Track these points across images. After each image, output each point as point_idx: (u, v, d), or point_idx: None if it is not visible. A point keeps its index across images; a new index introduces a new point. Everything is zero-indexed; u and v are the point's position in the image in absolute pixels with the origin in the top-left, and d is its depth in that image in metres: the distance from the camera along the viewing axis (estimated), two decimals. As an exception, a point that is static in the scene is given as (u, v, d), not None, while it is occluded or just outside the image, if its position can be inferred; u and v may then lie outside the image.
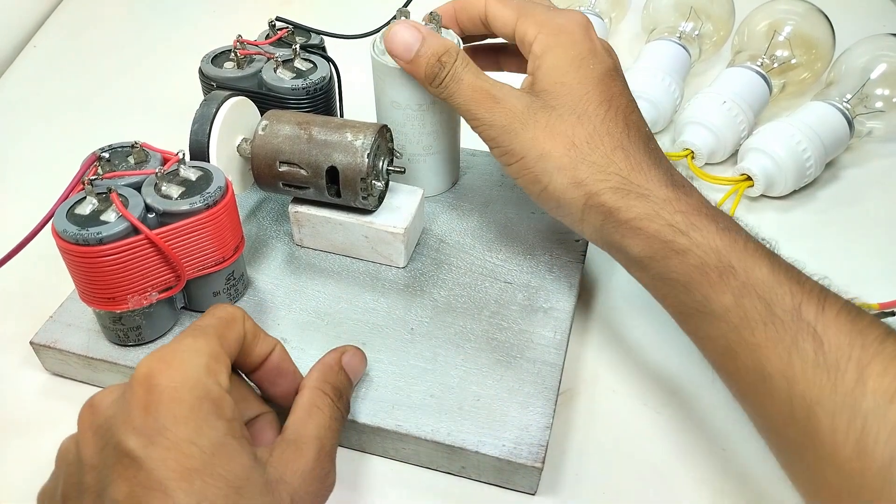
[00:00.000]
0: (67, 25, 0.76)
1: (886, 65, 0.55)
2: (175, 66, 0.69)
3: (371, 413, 0.36)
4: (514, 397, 0.37)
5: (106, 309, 0.37)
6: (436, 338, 0.40)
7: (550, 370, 0.38)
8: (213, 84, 0.46)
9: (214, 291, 0.40)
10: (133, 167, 0.39)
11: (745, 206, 0.53)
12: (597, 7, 0.66)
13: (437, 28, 0.42)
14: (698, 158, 0.55)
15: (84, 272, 0.36)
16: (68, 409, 0.32)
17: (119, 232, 0.35)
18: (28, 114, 0.63)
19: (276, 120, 0.42)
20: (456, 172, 0.50)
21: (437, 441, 0.35)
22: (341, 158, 0.40)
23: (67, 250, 0.35)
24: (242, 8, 0.79)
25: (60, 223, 0.35)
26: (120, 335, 0.39)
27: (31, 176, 0.56)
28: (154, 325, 0.39)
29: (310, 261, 0.45)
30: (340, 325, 0.41)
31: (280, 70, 0.45)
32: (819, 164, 0.52)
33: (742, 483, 0.37)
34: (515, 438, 0.35)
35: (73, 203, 0.36)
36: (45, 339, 0.40)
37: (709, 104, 0.54)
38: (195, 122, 0.40)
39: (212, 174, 0.38)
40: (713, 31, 0.63)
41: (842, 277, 0.48)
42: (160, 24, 0.76)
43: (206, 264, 0.39)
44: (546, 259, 0.44)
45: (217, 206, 0.37)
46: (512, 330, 0.40)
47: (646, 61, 0.58)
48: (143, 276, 0.37)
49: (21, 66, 0.70)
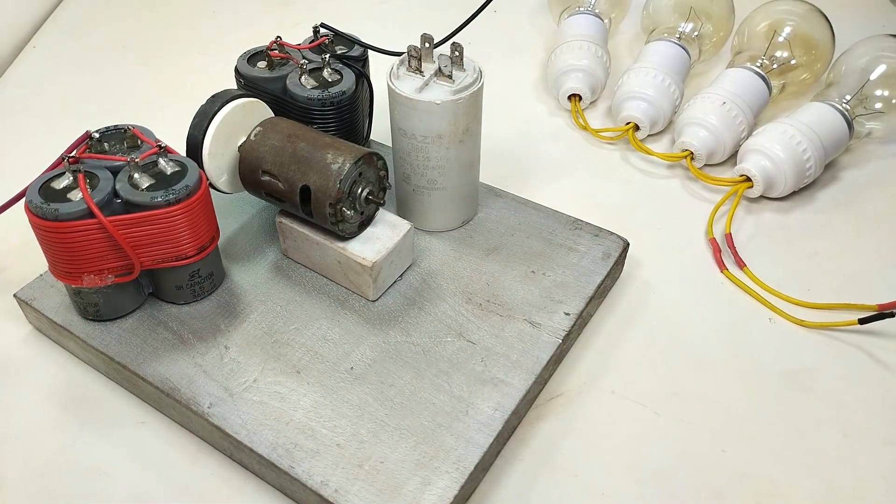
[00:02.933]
0: (67, 26, 0.76)
1: (886, 66, 0.55)
2: (175, 66, 0.69)
3: (271, 447, 0.35)
4: (419, 470, 0.34)
5: (63, 281, 0.39)
6: (370, 384, 0.38)
7: (471, 451, 0.35)
8: (242, 81, 0.46)
9: (177, 285, 0.41)
10: (125, 152, 0.39)
11: (745, 207, 0.53)
12: (597, 7, 0.66)
13: (430, 48, 0.40)
14: (697, 159, 0.55)
15: (43, 243, 0.37)
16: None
17: (76, 212, 0.36)
18: (28, 114, 0.63)
19: (271, 128, 0.41)
20: (468, 211, 0.47)
21: (321, 495, 0.33)
22: (315, 179, 0.39)
23: (31, 220, 0.37)
24: (243, 8, 0.79)
25: (31, 192, 0.37)
26: (80, 308, 0.41)
27: (31, 176, 0.56)
28: (112, 305, 0.40)
29: (289, 273, 0.44)
30: (285, 347, 0.40)
31: (305, 78, 0.45)
32: (819, 165, 0.52)
33: (742, 483, 0.37)
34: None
35: (52, 176, 0.37)
36: (26, 295, 0.42)
37: (708, 105, 0.54)
38: (196, 116, 0.40)
39: (187, 171, 0.38)
40: (713, 31, 0.63)
41: (842, 277, 0.48)
42: (160, 25, 0.77)
43: (165, 258, 0.39)
44: (523, 327, 0.41)
45: (178, 205, 0.37)
46: (451, 395, 0.37)
47: (645, 62, 0.58)
48: (98, 258, 0.37)
49: (21, 67, 0.70)
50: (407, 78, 0.42)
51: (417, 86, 0.42)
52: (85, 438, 0.39)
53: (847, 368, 0.42)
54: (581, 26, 0.63)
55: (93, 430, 0.39)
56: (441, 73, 0.42)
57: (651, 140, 0.59)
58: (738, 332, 0.44)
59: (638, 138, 0.57)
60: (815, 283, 0.47)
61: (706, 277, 0.47)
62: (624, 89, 0.58)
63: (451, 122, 0.42)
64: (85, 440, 0.39)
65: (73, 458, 0.38)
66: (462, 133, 0.42)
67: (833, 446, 0.30)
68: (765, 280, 0.46)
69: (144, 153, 0.38)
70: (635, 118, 0.57)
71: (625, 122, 0.58)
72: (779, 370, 0.41)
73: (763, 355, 0.41)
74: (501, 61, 0.69)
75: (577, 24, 0.63)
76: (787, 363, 0.42)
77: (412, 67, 0.42)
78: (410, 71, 0.42)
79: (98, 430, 0.39)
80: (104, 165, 0.38)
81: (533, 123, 0.61)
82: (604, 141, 0.59)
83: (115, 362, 0.39)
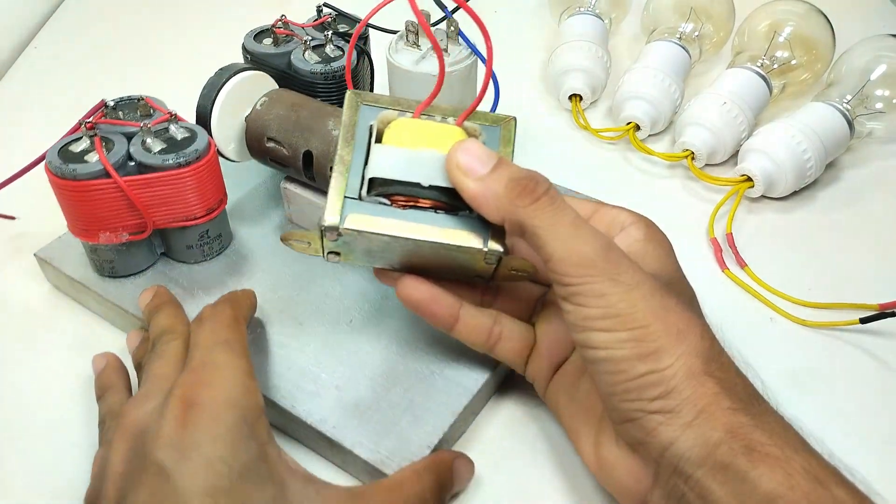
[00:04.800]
0: (68, 26, 0.77)
1: (886, 65, 0.55)
2: (176, 66, 0.69)
3: (273, 388, 0.37)
4: (411, 410, 0.36)
5: (81, 238, 0.41)
6: (367, 335, 0.40)
7: (460, 393, 0.37)
8: (248, 57, 0.48)
9: (188, 245, 0.43)
10: (138, 119, 0.42)
11: (746, 206, 0.53)
12: (597, 7, 0.66)
13: (416, 35, 0.42)
14: (698, 159, 0.55)
15: (63, 202, 0.40)
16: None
17: (93, 172, 0.38)
18: (29, 115, 0.63)
19: (276, 98, 0.43)
20: None
21: (320, 431, 0.35)
22: (317, 145, 0.41)
23: (51, 180, 0.39)
24: (243, 7, 0.79)
25: (51, 154, 0.39)
26: (96, 265, 0.43)
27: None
28: (127, 263, 0.43)
29: (293, 236, 0.47)
30: (288, 302, 0.42)
31: (308, 53, 0.46)
32: (819, 165, 0.52)
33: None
34: (392, 448, 0.35)
35: (70, 140, 0.40)
36: (46, 254, 0.45)
37: (709, 105, 0.54)
38: (205, 87, 0.43)
39: (196, 137, 0.40)
40: (713, 31, 0.64)
41: (843, 277, 0.48)
42: (161, 25, 0.77)
43: (176, 218, 0.41)
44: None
45: (188, 167, 0.40)
46: (445, 344, 0.39)
47: (646, 62, 0.58)
48: (113, 216, 0.40)
49: (22, 67, 0.70)
50: (405, 51, 0.45)
51: (415, 59, 0.44)
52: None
53: (848, 368, 0.42)
54: (581, 26, 0.63)
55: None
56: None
57: (652, 140, 0.59)
58: (739, 331, 0.43)
59: (639, 138, 0.57)
60: (816, 282, 0.46)
61: (707, 277, 0.47)
62: (624, 89, 0.58)
63: (447, 93, 0.44)
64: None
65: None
66: (457, 105, 0.44)
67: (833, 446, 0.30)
68: (766, 279, 0.46)
69: (156, 119, 0.41)
70: (636, 118, 0.57)
71: (625, 122, 0.58)
72: (780, 370, 0.41)
73: (764, 355, 0.40)
74: (502, 61, 0.69)
75: (578, 25, 0.63)
76: (789, 363, 0.42)
77: (410, 42, 0.45)
78: (408, 45, 0.45)
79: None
80: (119, 131, 0.41)
81: (533, 123, 0.61)
82: (604, 141, 0.59)
83: (129, 314, 0.42)
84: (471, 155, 0.31)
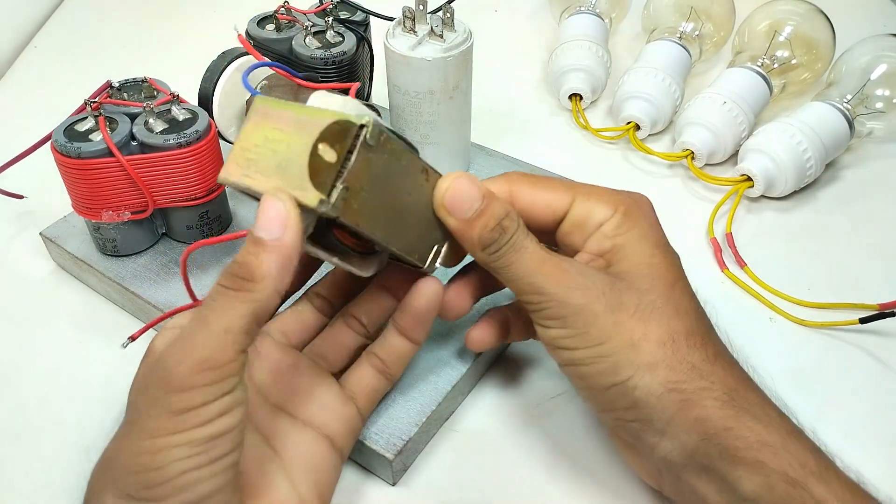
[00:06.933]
0: (68, 26, 0.77)
1: (887, 65, 0.55)
2: (176, 66, 0.69)
3: None
4: (402, 388, 0.37)
5: (84, 216, 0.42)
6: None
7: (449, 373, 0.38)
8: (252, 42, 0.49)
9: (188, 225, 0.44)
10: (142, 100, 0.42)
11: (746, 206, 0.53)
12: (597, 7, 0.66)
13: (423, 11, 0.43)
14: (698, 159, 0.55)
15: (67, 179, 0.41)
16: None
17: (97, 151, 0.39)
18: (29, 115, 0.63)
19: (276, 81, 0.44)
20: (460, 167, 0.50)
21: None
22: None
23: (56, 158, 0.40)
24: (243, 6, 0.79)
25: (57, 133, 0.40)
26: (99, 244, 0.44)
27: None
28: (129, 242, 0.44)
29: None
30: None
31: (309, 39, 0.47)
32: (819, 165, 0.52)
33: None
34: (381, 425, 0.36)
35: (76, 119, 0.41)
36: (51, 233, 0.47)
37: (709, 105, 0.54)
38: (207, 71, 0.44)
39: (198, 119, 0.41)
40: (713, 31, 0.64)
41: (843, 277, 0.48)
42: (161, 25, 0.77)
43: (177, 198, 0.42)
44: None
45: (189, 147, 0.40)
46: (446, 325, 0.40)
47: (646, 61, 0.58)
48: (115, 195, 0.41)
49: (22, 67, 0.70)
50: (402, 37, 0.46)
51: (411, 44, 0.45)
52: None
53: (848, 368, 0.42)
54: (581, 26, 0.63)
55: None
56: (433, 32, 0.45)
57: (652, 140, 0.59)
58: (738, 331, 0.43)
59: (639, 138, 0.57)
60: (815, 282, 0.47)
61: (707, 277, 0.47)
62: (625, 89, 0.58)
63: (442, 78, 0.45)
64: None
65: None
66: (452, 90, 0.46)
67: (833, 446, 0.30)
68: (765, 279, 0.46)
69: (159, 101, 0.42)
70: (636, 118, 0.57)
71: (625, 122, 0.58)
72: (779, 369, 0.41)
73: (764, 355, 0.40)
74: (502, 61, 0.69)
75: (578, 24, 0.63)
76: (788, 362, 0.42)
77: (407, 28, 0.46)
78: (405, 31, 0.46)
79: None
80: (122, 111, 0.42)
81: (534, 123, 0.61)
82: (604, 140, 0.59)
83: (129, 292, 0.43)
84: (457, 197, 0.32)
